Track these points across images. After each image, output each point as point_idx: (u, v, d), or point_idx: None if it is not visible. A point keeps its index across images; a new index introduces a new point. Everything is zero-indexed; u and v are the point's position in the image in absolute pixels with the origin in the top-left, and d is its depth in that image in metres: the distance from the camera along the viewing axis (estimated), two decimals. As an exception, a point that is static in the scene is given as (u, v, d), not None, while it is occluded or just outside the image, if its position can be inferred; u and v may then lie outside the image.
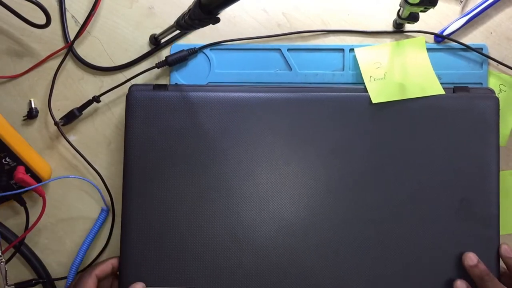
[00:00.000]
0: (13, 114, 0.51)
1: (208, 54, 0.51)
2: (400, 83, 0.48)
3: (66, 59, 0.52)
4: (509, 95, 0.50)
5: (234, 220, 0.46)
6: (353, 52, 0.51)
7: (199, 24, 0.40)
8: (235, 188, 0.46)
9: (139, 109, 0.46)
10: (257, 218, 0.46)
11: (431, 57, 0.50)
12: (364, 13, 0.52)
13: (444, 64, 0.51)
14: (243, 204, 0.46)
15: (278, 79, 0.51)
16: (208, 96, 0.47)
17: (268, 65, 0.51)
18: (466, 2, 0.52)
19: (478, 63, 0.51)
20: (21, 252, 0.49)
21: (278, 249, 0.45)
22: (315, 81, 0.51)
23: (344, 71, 0.51)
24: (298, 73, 0.51)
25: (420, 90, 0.47)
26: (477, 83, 0.50)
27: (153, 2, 0.52)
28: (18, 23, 0.48)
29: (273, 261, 0.45)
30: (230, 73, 0.51)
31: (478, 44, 0.51)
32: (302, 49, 0.51)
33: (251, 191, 0.46)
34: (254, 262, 0.45)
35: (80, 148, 0.50)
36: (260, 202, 0.46)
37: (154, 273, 0.45)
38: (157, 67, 0.50)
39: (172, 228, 0.46)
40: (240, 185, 0.46)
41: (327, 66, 0.51)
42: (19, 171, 0.46)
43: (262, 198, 0.46)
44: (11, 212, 0.51)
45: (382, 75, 0.48)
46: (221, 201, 0.46)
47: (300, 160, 0.46)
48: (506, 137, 0.50)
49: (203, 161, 0.46)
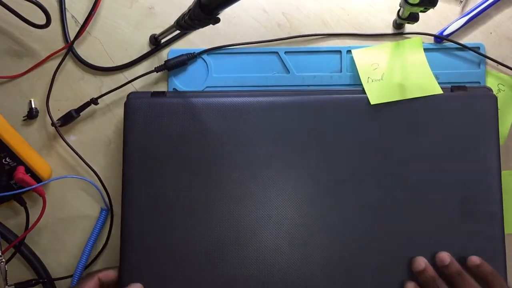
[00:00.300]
0: (13, 114, 0.51)
1: (205, 59, 0.51)
2: (398, 84, 0.48)
3: (66, 59, 0.52)
4: (507, 95, 0.50)
5: (233, 224, 0.46)
6: (350, 53, 0.51)
7: (199, 24, 0.40)
8: (234, 192, 0.46)
9: (137, 117, 0.47)
10: (258, 222, 0.46)
11: (428, 57, 0.50)
12: (364, 13, 0.52)
13: (442, 64, 0.51)
14: (243, 208, 0.46)
15: (276, 82, 0.51)
16: (206, 102, 0.47)
17: (265, 68, 0.51)
18: (466, 2, 0.52)
19: (476, 62, 0.51)
20: (21, 252, 0.49)
21: (280, 254, 0.45)
22: (313, 84, 0.51)
23: (341, 72, 0.51)
24: (296, 75, 0.51)
25: (418, 90, 0.47)
26: (475, 82, 0.50)
27: (153, 2, 0.52)
28: (18, 23, 0.48)
29: (275, 265, 0.45)
30: (228, 77, 0.51)
31: (475, 43, 0.51)
32: (299, 52, 0.51)
33: (251, 195, 0.46)
34: (256, 266, 0.45)
35: (80, 148, 0.50)
36: (260, 206, 0.46)
37: (154, 275, 0.45)
38: (156, 71, 0.50)
39: (172, 233, 0.45)
40: (239, 189, 0.46)
41: (324, 68, 0.51)
42: (19, 171, 0.46)
43: (262, 202, 0.46)
44: (11, 212, 0.51)
45: (380, 76, 0.48)
46: (220, 205, 0.46)
47: (300, 163, 0.46)
48: (504, 136, 0.50)
49: (202, 167, 0.46)
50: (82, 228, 0.51)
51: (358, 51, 0.50)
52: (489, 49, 0.51)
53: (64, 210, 0.51)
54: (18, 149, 0.46)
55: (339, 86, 0.50)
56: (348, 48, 0.51)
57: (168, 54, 0.51)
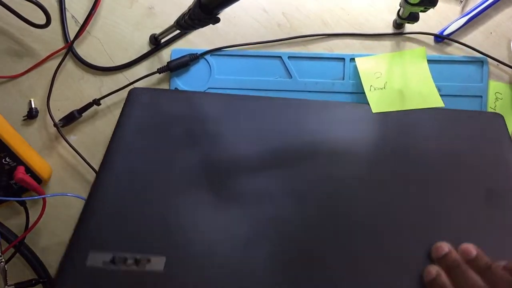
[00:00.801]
0: (13, 114, 0.51)
1: (208, 60, 0.51)
2: (400, 93, 0.48)
3: (66, 59, 0.52)
4: (505, 102, 0.51)
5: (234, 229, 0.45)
6: (353, 61, 0.51)
7: (199, 24, 0.40)
8: (234, 193, 0.46)
9: (139, 99, 0.47)
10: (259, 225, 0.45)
11: (431, 69, 0.50)
12: (364, 13, 0.52)
13: (444, 76, 0.51)
14: (242, 209, 0.46)
15: (278, 87, 0.51)
16: (209, 96, 0.47)
17: (268, 72, 0.51)
18: (466, 2, 0.52)
19: (478, 76, 0.51)
20: (21, 252, 0.49)
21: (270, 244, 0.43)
22: (315, 90, 0.51)
23: (344, 80, 0.51)
24: (298, 81, 0.51)
25: (420, 101, 0.47)
26: (477, 96, 0.51)
27: (153, 2, 0.52)
28: (18, 23, 0.48)
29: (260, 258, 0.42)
30: (230, 79, 0.51)
31: (478, 57, 0.51)
32: (302, 57, 0.51)
33: (252, 196, 0.46)
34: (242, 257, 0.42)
35: (81, 147, 0.50)
36: (261, 209, 0.46)
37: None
38: (158, 72, 0.50)
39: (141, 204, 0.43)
40: (240, 189, 0.46)
41: (327, 74, 0.51)
42: (19, 171, 0.46)
43: (263, 204, 0.46)
44: (11, 212, 0.51)
45: (383, 85, 0.49)
46: (220, 207, 0.46)
47: (301, 166, 0.46)
48: None
49: (201, 166, 0.46)
50: (82, 228, 0.51)
51: (362, 59, 0.50)
52: (489, 49, 0.51)
53: (64, 210, 0.51)
54: (18, 149, 0.46)
55: (341, 94, 0.50)
56: (351, 56, 0.51)
57: (171, 54, 0.51)
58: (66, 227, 0.51)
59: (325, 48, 0.52)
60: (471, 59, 0.51)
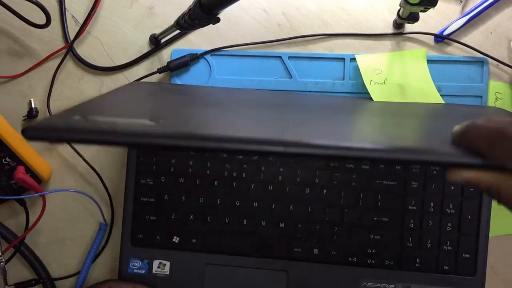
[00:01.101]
0: (13, 114, 0.51)
1: (208, 60, 0.51)
2: (401, 88, 0.49)
3: (66, 59, 0.52)
4: (505, 102, 0.51)
5: None
6: (354, 61, 0.50)
7: (199, 24, 0.40)
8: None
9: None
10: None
11: (431, 69, 0.50)
12: (364, 13, 0.52)
13: (444, 76, 0.50)
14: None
15: (278, 87, 0.51)
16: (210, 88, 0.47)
17: (268, 72, 0.51)
18: (466, 2, 0.52)
19: (478, 76, 0.51)
20: (21, 252, 0.49)
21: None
22: (315, 90, 0.51)
23: (344, 80, 0.51)
24: (298, 81, 0.51)
25: (421, 97, 0.47)
26: (477, 96, 0.50)
27: (153, 2, 0.52)
28: (18, 23, 0.48)
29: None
30: (230, 79, 0.51)
31: (478, 58, 0.51)
32: (303, 57, 0.51)
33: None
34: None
35: (81, 147, 0.50)
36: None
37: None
38: (158, 72, 0.50)
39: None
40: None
41: (327, 75, 0.51)
42: (19, 171, 0.46)
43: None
44: (11, 212, 0.51)
45: (383, 80, 0.49)
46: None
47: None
48: None
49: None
50: (82, 228, 0.51)
51: (362, 57, 0.50)
52: (489, 49, 0.51)
53: (64, 210, 0.51)
54: (18, 149, 0.46)
55: (341, 94, 0.50)
56: (352, 56, 0.51)
57: (171, 54, 0.51)
58: (66, 227, 0.51)
59: (325, 48, 0.52)
60: (471, 59, 0.51)
